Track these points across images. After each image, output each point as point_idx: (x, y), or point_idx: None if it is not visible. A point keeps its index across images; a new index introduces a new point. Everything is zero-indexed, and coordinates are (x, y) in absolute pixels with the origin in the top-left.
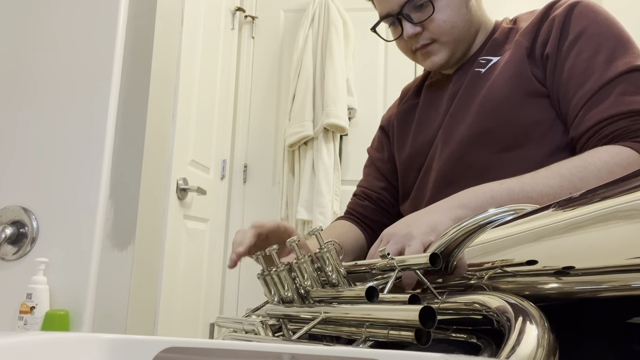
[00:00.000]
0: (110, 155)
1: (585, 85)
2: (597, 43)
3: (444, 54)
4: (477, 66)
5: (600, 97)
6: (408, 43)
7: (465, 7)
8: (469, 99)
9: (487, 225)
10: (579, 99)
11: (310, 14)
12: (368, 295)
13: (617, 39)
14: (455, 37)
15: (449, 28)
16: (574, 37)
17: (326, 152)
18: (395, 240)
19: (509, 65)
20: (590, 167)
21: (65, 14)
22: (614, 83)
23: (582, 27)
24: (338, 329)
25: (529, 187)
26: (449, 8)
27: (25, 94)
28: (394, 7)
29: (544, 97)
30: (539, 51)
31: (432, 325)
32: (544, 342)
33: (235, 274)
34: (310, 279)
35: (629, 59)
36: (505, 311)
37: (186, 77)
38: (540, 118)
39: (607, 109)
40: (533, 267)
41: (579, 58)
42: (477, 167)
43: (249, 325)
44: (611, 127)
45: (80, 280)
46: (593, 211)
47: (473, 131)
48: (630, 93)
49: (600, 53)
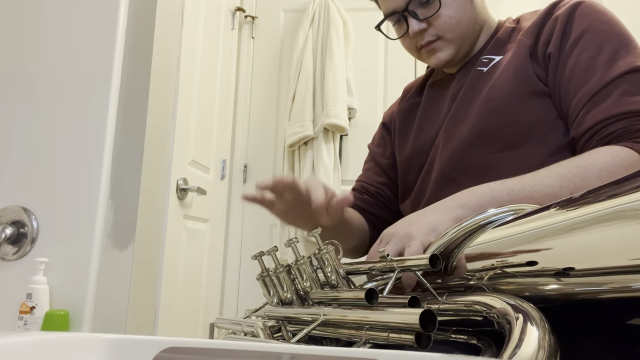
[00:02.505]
0: (110, 155)
1: (587, 85)
2: (599, 43)
3: (449, 50)
4: (480, 65)
5: (601, 97)
6: (413, 40)
7: (470, 4)
8: (471, 98)
9: (487, 225)
10: (580, 99)
11: (310, 14)
12: (367, 297)
13: (619, 39)
14: (460, 34)
15: (455, 24)
16: (577, 37)
17: (326, 152)
18: (395, 240)
19: (511, 65)
20: (590, 168)
21: (66, 14)
22: (615, 83)
23: (584, 27)
24: (338, 331)
25: (529, 187)
26: (455, 4)
27: (25, 94)
28: (400, 4)
29: (546, 97)
30: (542, 50)
31: (432, 328)
32: (545, 344)
33: (235, 274)
34: (310, 280)
35: (631, 59)
36: (506, 312)
37: (186, 77)
38: (541, 117)
39: (607, 109)
40: (533, 268)
41: (581, 58)
42: (478, 166)
43: (248, 326)
44: (612, 127)
45: (80, 280)
46: (593, 212)
47: (475, 130)
48: (632, 93)
49: (602, 53)
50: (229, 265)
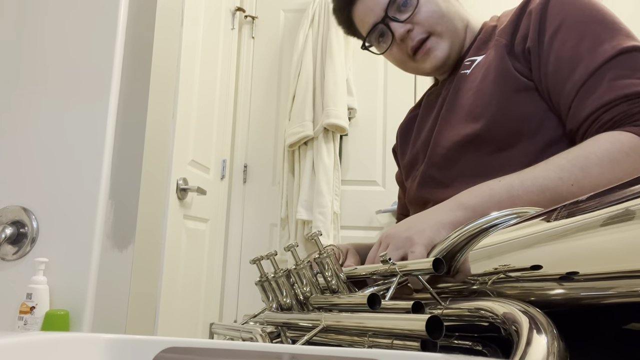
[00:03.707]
0: (110, 155)
1: (575, 75)
2: (580, 30)
3: (444, 46)
4: (463, 68)
5: (591, 85)
6: (402, 46)
7: (448, 1)
8: (456, 101)
9: (490, 229)
10: (570, 90)
11: (310, 14)
12: (370, 303)
13: (600, 23)
14: (449, 27)
15: (440, 17)
16: (555, 28)
17: (326, 152)
18: (395, 244)
19: (491, 67)
20: (590, 156)
21: (66, 14)
22: (603, 69)
23: (562, 17)
24: (339, 338)
25: (528, 181)
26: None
27: (25, 93)
28: (378, 13)
29: (531, 91)
30: (520, 47)
31: (439, 335)
32: (554, 349)
33: (235, 274)
34: (310, 285)
35: (617, 41)
36: (512, 318)
37: (186, 77)
38: (530, 113)
39: (601, 96)
40: (537, 272)
41: (564, 47)
42: (471, 170)
43: (247, 332)
44: (609, 113)
45: (80, 280)
46: (599, 215)
47: (463, 136)
48: (623, 77)
49: (585, 39)
50: (229, 265)
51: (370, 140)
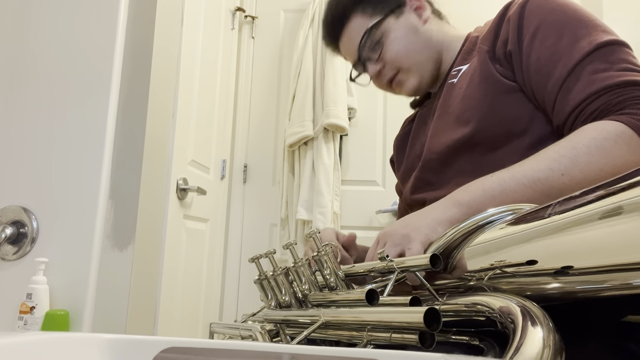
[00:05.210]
0: (110, 155)
1: (555, 72)
2: (558, 29)
3: (413, 79)
4: (451, 78)
5: (572, 80)
6: (378, 81)
7: (415, 35)
8: (446, 109)
9: (486, 225)
10: (552, 87)
11: (310, 14)
12: (368, 298)
13: (576, 21)
14: (414, 61)
15: (405, 56)
16: (534, 30)
17: (326, 152)
18: (393, 241)
19: (476, 73)
20: (578, 146)
21: (65, 14)
22: (583, 64)
23: (539, 19)
24: (338, 333)
25: (519, 174)
26: (397, 40)
27: (25, 94)
28: (354, 55)
29: (517, 92)
30: (501, 51)
31: (437, 327)
32: (550, 342)
33: (235, 274)
34: (308, 283)
35: (593, 37)
36: (508, 312)
37: (186, 77)
38: (518, 113)
39: (583, 90)
40: (533, 267)
41: (543, 47)
42: (466, 170)
43: (246, 330)
44: (592, 105)
45: (80, 280)
46: (593, 209)
47: (455, 140)
48: (601, 70)
49: (563, 38)
50: (229, 265)
51: (370, 140)
